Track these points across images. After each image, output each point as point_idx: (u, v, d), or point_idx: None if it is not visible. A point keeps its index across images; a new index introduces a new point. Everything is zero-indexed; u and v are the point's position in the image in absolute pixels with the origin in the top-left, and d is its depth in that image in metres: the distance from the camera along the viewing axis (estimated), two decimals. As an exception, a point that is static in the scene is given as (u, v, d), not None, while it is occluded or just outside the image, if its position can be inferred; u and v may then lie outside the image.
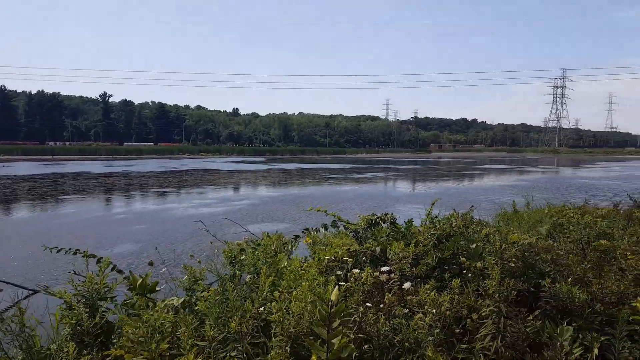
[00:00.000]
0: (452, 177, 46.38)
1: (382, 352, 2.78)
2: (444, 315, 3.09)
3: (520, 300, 3.61)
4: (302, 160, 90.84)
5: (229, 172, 52.27)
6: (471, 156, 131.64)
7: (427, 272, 4.10)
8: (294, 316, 2.71)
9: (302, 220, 16.12)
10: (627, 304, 3.48)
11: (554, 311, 3.34)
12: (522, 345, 3.05)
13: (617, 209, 8.68)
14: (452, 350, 3.00)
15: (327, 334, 2.33)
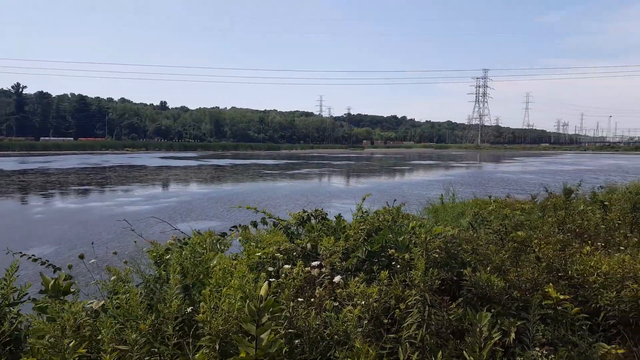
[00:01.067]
0: (384, 172, 47.74)
1: (312, 346, 2.79)
2: (372, 306, 3.16)
3: (444, 289, 3.78)
4: (235, 156, 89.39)
5: (157, 168, 50.27)
6: (401, 152, 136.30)
7: (357, 265, 4.18)
8: (222, 314, 2.65)
9: (235, 218, 15.87)
10: (540, 290, 3.75)
11: (475, 299, 3.53)
12: (445, 332, 3.20)
13: (534, 201, 9.34)
14: (381, 340, 3.08)
15: (256, 330, 2.30)
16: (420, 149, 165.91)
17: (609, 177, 33.17)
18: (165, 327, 2.75)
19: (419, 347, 3.03)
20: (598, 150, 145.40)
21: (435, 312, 3.23)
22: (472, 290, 3.52)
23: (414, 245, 3.99)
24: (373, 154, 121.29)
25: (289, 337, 2.89)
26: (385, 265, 4.12)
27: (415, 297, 3.25)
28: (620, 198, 8.07)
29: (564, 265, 4.16)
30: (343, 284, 3.55)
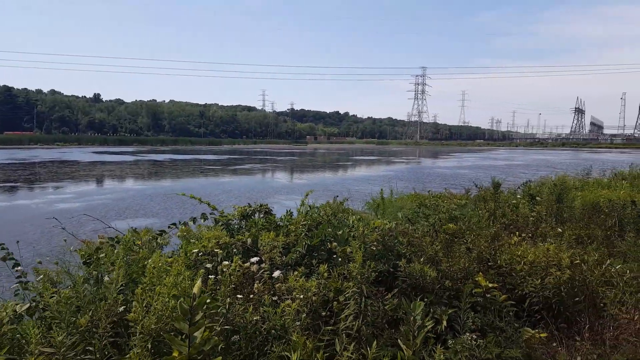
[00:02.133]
0: (328, 168, 48.14)
1: (249, 342, 2.77)
2: (311, 300, 3.18)
3: (381, 280, 3.87)
4: (174, 151, 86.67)
5: (90, 163, 47.77)
6: (344, 148, 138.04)
7: (298, 260, 4.19)
8: (155, 313, 2.56)
9: (174, 214, 15.41)
10: (471, 279, 3.93)
11: (410, 289, 3.65)
12: (381, 322, 3.28)
13: (468, 195, 9.77)
14: (319, 332, 3.10)
15: (189, 328, 2.24)
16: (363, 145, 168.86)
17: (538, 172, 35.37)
18: (97, 327, 2.62)
19: (355, 337, 3.09)
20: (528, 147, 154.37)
21: (371, 303, 3.30)
22: (407, 280, 3.63)
23: (353, 238, 4.06)
24: (316, 149, 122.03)
25: (226, 333, 2.85)
26: (325, 259, 4.16)
27: (353, 289, 3.30)
28: (547, 191, 8.62)
29: (493, 255, 4.39)
30: (283, 278, 3.55)
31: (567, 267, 4.03)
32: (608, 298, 4.50)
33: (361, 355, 2.89)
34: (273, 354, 2.66)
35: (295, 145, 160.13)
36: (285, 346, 2.68)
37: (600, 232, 6.76)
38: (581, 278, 4.09)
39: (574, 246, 5.59)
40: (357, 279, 3.32)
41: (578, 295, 4.07)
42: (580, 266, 4.15)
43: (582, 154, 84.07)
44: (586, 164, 19.61)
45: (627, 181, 10.84)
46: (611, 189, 9.39)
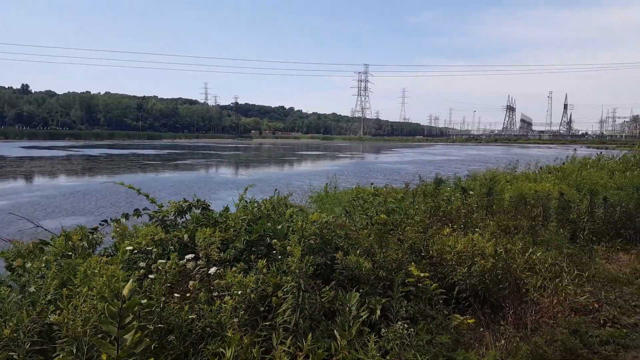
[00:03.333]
0: (274, 163, 47.89)
1: (183, 340, 2.74)
2: (249, 296, 3.19)
3: (319, 273, 3.94)
4: (111, 146, 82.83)
5: (17, 159, 44.65)
6: (290, 143, 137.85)
7: (236, 256, 4.17)
8: (81, 315, 2.47)
9: (108, 213, 14.77)
10: (404, 269, 4.10)
11: (346, 280, 3.75)
12: (318, 315, 3.35)
13: (407, 189, 10.10)
14: (256, 328, 3.12)
15: (118, 331, 2.19)
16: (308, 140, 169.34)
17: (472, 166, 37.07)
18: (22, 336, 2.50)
19: (293, 331, 3.14)
20: (464, 142, 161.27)
21: (309, 296, 3.36)
22: (344, 272, 3.72)
23: (292, 232, 4.10)
24: (262, 144, 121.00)
25: (160, 333, 2.80)
26: (265, 254, 4.17)
27: (291, 284, 3.34)
28: (478, 185, 9.09)
29: (425, 246, 4.60)
30: (220, 275, 3.53)
31: (490, 255, 4.29)
32: (530, 284, 4.86)
33: (298, 348, 2.94)
34: (207, 351, 2.65)
35: (239, 140, 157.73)
36: (221, 343, 2.68)
37: (526, 222, 7.23)
38: (505, 266, 4.38)
39: (501, 236, 5.96)
40: (296, 273, 3.36)
41: (502, 282, 4.35)
42: (503, 254, 4.43)
43: (513, 149, 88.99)
44: (516, 159, 20.82)
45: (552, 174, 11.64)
46: (537, 182, 10.05)
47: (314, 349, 2.83)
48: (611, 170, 10.94)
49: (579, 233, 7.15)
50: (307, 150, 79.17)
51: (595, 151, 18.16)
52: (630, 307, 5.01)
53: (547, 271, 5.28)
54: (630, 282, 5.79)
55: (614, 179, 9.03)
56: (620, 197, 8.45)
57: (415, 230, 4.62)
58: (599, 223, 7.86)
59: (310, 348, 2.78)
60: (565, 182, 8.79)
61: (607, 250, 7.08)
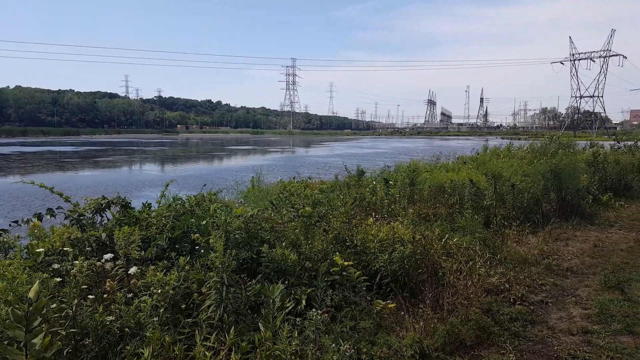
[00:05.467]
0: (202, 158, 46.63)
1: (99, 342, 2.63)
2: (169, 294, 3.12)
3: (245, 267, 3.94)
4: (23, 143, 76.45)
5: None
6: (218, 137, 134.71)
7: (159, 254, 4.06)
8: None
9: (22, 215, 13.68)
10: (329, 259, 4.20)
11: (272, 273, 3.78)
12: (244, 309, 3.35)
13: (336, 181, 10.31)
14: (178, 326, 3.07)
15: (26, 335, 2.07)
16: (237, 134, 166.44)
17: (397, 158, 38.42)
18: None
19: (217, 326, 3.12)
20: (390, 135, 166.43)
21: (234, 290, 3.36)
22: (270, 265, 3.75)
23: (216, 228, 4.05)
24: (189, 139, 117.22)
25: (74, 336, 2.67)
26: (189, 251, 4.09)
27: (215, 279, 3.32)
28: (401, 176, 9.47)
29: (350, 236, 4.73)
30: (140, 274, 3.42)
31: (409, 242, 4.52)
32: (447, 268, 5.16)
33: (222, 343, 2.93)
34: (127, 352, 2.57)
35: (165, 135, 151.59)
36: (140, 343, 2.61)
37: (444, 210, 7.65)
38: (423, 251, 4.62)
39: (421, 224, 6.27)
40: (219, 268, 3.34)
41: (421, 267, 4.60)
42: (422, 241, 4.68)
43: (435, 142, 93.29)
44: (437, 150, 21.88)
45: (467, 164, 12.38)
46: (455, 172, 10.65)
47: (238, 342, 2.84)
48: (520, 158, 11.83)
49: (492, 219, 7.67)
50: (236, 145, 77.94)
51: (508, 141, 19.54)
52: (537, 286, 5.47)
53: (463, 255, 5.63)
54: (537, 262, 6.30)
55: (522, 167, 9.78)
56: (528, 184, 9.17)
57: (340, 221, 4.74)
58: (509, 208, 8.47)
59: (234, 341, 2.78)
60: (479, 171, 9.39)
61: (517, 234, 7.62)
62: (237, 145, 79.04)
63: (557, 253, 6.89)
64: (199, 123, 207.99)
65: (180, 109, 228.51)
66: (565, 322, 4.52)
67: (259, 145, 78.59)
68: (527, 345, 4.02)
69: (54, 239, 3.74)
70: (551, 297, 5.16)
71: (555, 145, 11.14)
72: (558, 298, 5.17)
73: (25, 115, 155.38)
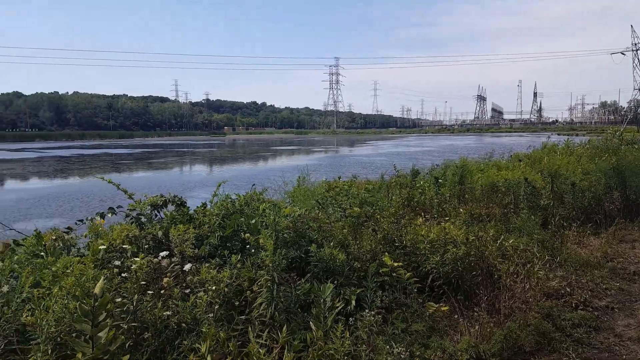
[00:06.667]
0: (248, 159, 47.55)
1: (158, 337, 2.72)
2: (223, 291, 3.18)
3: (294, 266, 3.96)
4: (82, 146, 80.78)
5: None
6: (263, 138, 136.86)
7: (211, 251, 4.15)
8: (54, 315, 2.43)
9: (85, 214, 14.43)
10: (378, 259, 4.14)
11: (321, 272, 3.77)
12: (294, 307, 3.36)
13: (382, 180, 10.20)
14: (232, 322, 3.12)
15: (92, 329, 2.16)
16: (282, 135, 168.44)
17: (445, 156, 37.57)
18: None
19: (269, 324, 3.14)
20: (437, 133, 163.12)
21: (284, 289, 3.37)
22: (318, 265, 3.74)
23: (265, 227, 4.09)
24: (235, 140, 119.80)
25: (135, 330, 2.77)
26: (239, 249, 4.16)
27: (265, 278, 3.35)
28: (451, 174, 9.23)
29: (399, 236, 4.65)
30: (195, 271, 3.50)
31: (462, 243, 4.38)
32: (503, 270, 4.96)
33: (274, 340, 2.95)
34: (184, 347, 2.64)
35: (212, 136, 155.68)
36: (196, 338, 2.67)
37: (497, 210, 7.38)
38: (477, 253, 4.47)
39: (473, 224, 6.07)
40: (269, 267, 3.37)
41: (475, 269, 4.44)
42: (476, 242, 4.53)
43: (486, 138, 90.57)
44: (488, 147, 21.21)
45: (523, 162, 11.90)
46: (508, 170, 10.26)
47: (290, 341, 2.85)
48: (579, 156, 11.25)
49: (550, 219, 7.31)
50: (281, 145, 78.86)
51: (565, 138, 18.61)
52: (601, 290, 5.15)
53: (519, 257, 5.40)
54: (601, 265, 5.93)
55: (582, 165, 9.29)
56: (590, 183, 8.68)
57: (388, 221, 4.67)
58: (569, 208, 8.04)
59: (286, 340, 2.79)
60: (534, 169, 9.00)
61: (578, 235, 7.19)
62: (281, 145, 79.98)
63: (622, 255, 6.48)
64: (245, 124, 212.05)
65: (227, 111, 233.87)
66: (634, 329, 4.24)
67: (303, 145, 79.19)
68: (592, 353, 3.80)
69: (113, 236, 3.89)
70: (617, 303, 4.86)
71: (618, 141, 10.50)
72: (625, 304, 4.85)
73: (83, 120, 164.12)
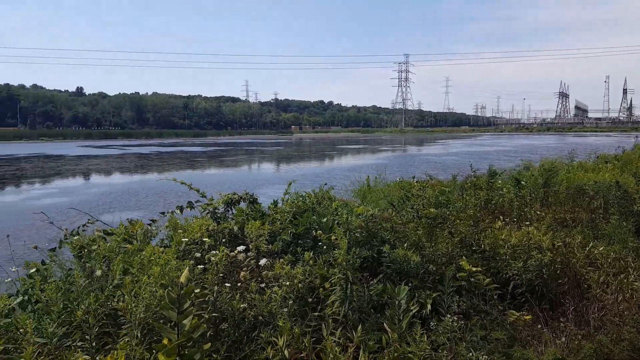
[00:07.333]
0: (314, 157, 48.11)
1: (236, 328, 2.79)
2: (297, 287, 3.20)
3: (366, 266, 3.91)
4: (160, 144, 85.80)
5: (76, 157, 47.10)
6: (330, 137, 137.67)
7: (283, 248, 4.21)
8: (143, 302, 2.58)
9: (162, 208, 15.30)
10: (454, 263, 3.99)
11: (394, 274, 3.69)
12: (367, 307, 3.32)
13: (455, 181, 9.84)
14: (306, 318, 3.13)
15: (177, 316, 2.25)
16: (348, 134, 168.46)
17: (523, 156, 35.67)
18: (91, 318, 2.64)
19: (342, 322, 3.13)
20: (514, 132, 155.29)
21: (357, 288, 3.34)
22: (391, 266, 3.66)
23: (337, 225, 4.08)
24: (302, 139, 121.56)
25: (214, 320, 2.87)
26: (310, 247, 4.18)
27: (338, 276, 3.33)
28: (532, 175, 8.71)
29: (477, 240, 4.45)
30: (269, 266, 3.57)
31: (548, 249, 4.10)
32: (592, 280, 4.59)
33: (347, 339, 2.93)
34: (261, 340, 2.69)
35: (280, 135, 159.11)
36: (273, 332, 2.71)
37: (585, 214, 6.86)
38: (564, 260, 4.17)
39: (558, 229, 5.68)
40: (343, 266, 3.34)
41: (561, 277, 4.15)
42: (562, 248, 4.22)
43: (568, 138, 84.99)
44: (571, 148, 19.86)
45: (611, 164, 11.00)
46: (596, 172, 9.53)
47: (365, 341, 2.81)
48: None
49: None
50: (347, 144, 78.86)
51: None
52: None
53: (611, 266, 4.97)
54: None
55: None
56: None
57: (466, 224, 4.48)
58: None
59: (361, 340, 2.75)
60: (626, 171, 8.28)
61: (680, 245, 6.54)
62: (347, 144, 79.97)
63: None
64: (311, 123, 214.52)
65: (295, 110, 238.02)
66: None
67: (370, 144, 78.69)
68: (696, 376, 3.41)
69: (194, 229, 4.06)
70: None
71: None
72: None
73: (162, 119, 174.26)
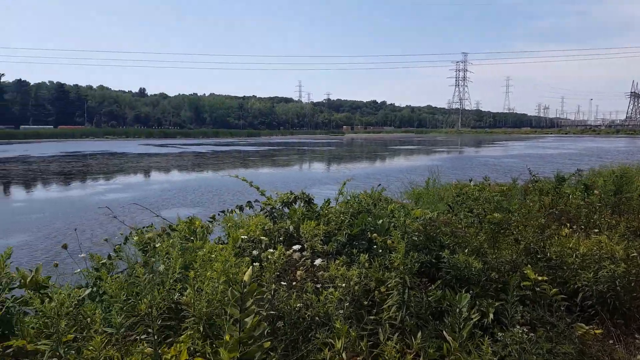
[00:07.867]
0: (365, 158, 47.86)
1: (293, 328, 2.80)
2: (352, 289, 3.17)
3: (423, 271, 3.81)
4: (216, 143, 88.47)
5: (138, 155, 49.51)
6: (382, 137, 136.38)
7: (338, 249, 4.19)
8: (205, 297, 2.65)
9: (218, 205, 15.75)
10: (519, 272, 3.80)
11: (453, 280, 3.57)
12: (425, 314, 3.23)
13: (515, 185, 9.42)
14: (361, 321, 3.10)
15: (240, 314, 2.29)
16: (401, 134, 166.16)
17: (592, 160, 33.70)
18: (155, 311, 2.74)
19: (399, 328, 3.06)
20: (579, 134, 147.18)
21: (414, 294, 3.26)
22: (451, 272, 3.55)
23: (393, 228, 4.01)
24: (353, 139, 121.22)
25: (271, 318, 2.89)
26: (366, 249, 4.14)
27: (395, 280, 3.26)
28: (603, 181, 8.19)
29: (542, 247, 4.22)
30: (324, 266, 3.56)
31: (621, 260, 3.83)
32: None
33: (405, 345, 2.86)
34: (317, 340, 2.68)
35: (332, 135, 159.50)
36: (329, 333, 2.69)
37: (662, 224, 6.35)
38: (638, 272, 3.88)
39: (632, 239, 5.30)
40: (400, 270, 3.28)
41: (636, 290, 3.86)
42: (637, 259, 3.93)
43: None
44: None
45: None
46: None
47: (425, 348, 2.73)
48: None
49: None
50: (400, 145, 77.77)
51: None
52: None
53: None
54: None
55: None
56: None
57: (532, 230, 4.27)
58: None
59: (420, 347, 2.68)
60: None
61: None
62: (400, 145, 78.88)
63: None
64: (363, 123, 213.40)
65: (347, 110, 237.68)
66: None
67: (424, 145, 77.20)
68: None
69: (251, 227, 4.13)
70: None
71: None
72: None
73: (218, 119, 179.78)
